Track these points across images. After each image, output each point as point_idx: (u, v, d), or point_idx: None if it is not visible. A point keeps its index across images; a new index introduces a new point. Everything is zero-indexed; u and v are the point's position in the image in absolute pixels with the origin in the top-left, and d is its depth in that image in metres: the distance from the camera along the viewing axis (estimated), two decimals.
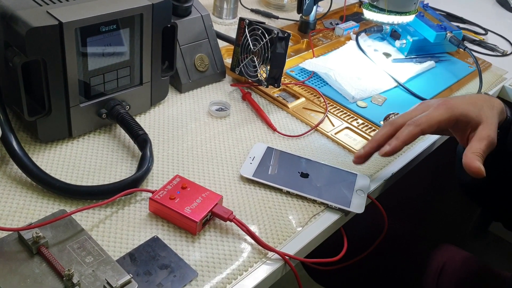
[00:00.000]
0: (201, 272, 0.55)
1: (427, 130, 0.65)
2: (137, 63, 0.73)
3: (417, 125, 0.64)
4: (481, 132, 0.65)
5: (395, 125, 0.67)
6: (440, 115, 0.64)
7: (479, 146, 0.64)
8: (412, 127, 0.65)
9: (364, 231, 0.80)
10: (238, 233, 0.61)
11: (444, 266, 0.94)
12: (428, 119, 0.64)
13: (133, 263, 0.55)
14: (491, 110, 0.66)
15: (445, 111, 0.65)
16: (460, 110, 0.65)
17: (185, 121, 0.79)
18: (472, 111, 0.65)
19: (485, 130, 0.65)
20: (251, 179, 0.68)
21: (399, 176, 0.78)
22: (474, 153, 0.63)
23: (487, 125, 0.65)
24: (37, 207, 0.60)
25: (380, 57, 1.03)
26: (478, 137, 0.65)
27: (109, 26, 0.66)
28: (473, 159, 0.62)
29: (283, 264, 0.59)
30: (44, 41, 0.61)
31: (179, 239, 0.59)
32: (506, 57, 1.16)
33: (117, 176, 0.67)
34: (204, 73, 0.87)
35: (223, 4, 1.09)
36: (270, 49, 0.81)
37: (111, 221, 0.60)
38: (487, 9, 1.44)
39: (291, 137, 0.79)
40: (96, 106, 0.71)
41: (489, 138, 0.64)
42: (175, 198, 0.61)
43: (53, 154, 0.68)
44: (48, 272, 0.52)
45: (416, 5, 0.93)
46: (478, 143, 0.64)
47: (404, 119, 0.67)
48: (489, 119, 0.65)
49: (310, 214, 0.65)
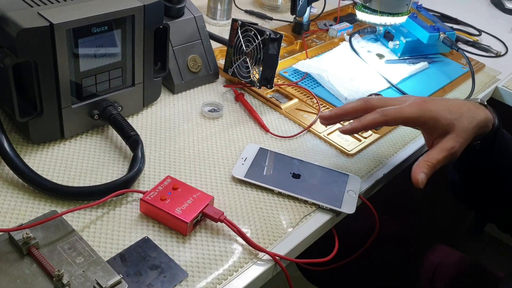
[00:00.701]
0: (192, 272, 0.56)
1: (391, 123, 0.67)
2: (129, 64, 0.73)
3: (383, 115, 0.66)
4: (446, 143, 0.65)
5: (368, 104, 0.69)
6: (410, 113, 0.65)
7: (436, 156, 0.65)
8: (378, 115, 0.66)
9: (356, 232, 0.81)
10: (229, 233, 0.61)
11: (437, 266, 0.95)
12: (397, 113, 0.65)
13: (123, 263, 0.55)
14: (469, 122, 0.66)
15: (417, 110, 0.65)
16: (432, 114, 0.65)
17: (177, 122, 0.79)
18: (445, 118, 0.65)
19: (450, 141, 0.65)
20: (243, 180, 0.68)
21: (391, 177, 0.78)
22: (427, 162, 0.64)
23: (455, 137, 0.65)
24: (28, 208, 0.60)
25: (373, 58, 1.04)
26: (440, 147, 0.65)
27: (101, 27, 0.67)
28: (420, 171, 0.63)
29: (273, 264, 0.59)
30: (35, 42, 0.61)
31: (170, 240, 0.59)
32: (500, 58, 1.17)
33: (108, 177, 0.67)
34: (197, 74, 0.87)
35: (217, 5, 1.09)
36: (262, 50, 0.81)
37: (102, 222, 0.60)
38: (481, 10, 1.44)
39: (283, 138, 0.79)
40: (88, 107, 0.71)
41: (451, 150, 0.65)
42: (166, 199, 0.61)
43: (45, 155, 0.68)
44: (38, 273, 0.52)
45: (408, 6, 0.93)
46: (437, 153, 0.65)
47: (378, 103, 0.68)
48: (461, 131, 0.65)
49: (302, 214, 0.65)
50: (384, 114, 0.66)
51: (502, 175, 0.74)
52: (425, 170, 0.64)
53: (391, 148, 0.81)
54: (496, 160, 0.72)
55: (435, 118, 0.65)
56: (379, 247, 0.86)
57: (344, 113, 0.70)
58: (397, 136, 0.84)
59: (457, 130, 0.65)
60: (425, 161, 0.65)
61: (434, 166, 0.64)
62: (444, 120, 0.65)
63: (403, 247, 0.99)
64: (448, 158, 0.65)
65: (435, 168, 0.65)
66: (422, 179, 0.63)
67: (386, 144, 0.81)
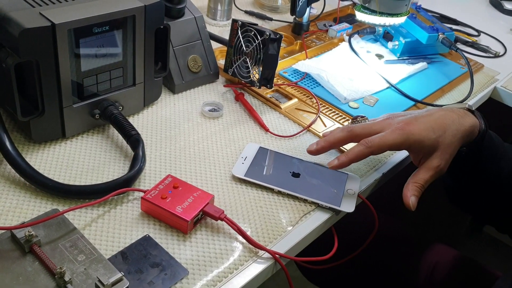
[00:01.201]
0: (192, 270, 0.56)
1: (376, 152, 0.68)
2: (130, 64, 0.74)
3: (368, 147, 0.67)
4: (431, 162, 0.67)
5: (352, 134, 0.70)
6: (393, 140, 0.66)
7: (423, 177, 0.67)
8: (363, 147, 0.67)
9: (355, 231, 0.81)
10: (229, 232, 0.61)
11: (436, 265, 0.95)
12: (380, 142, 0.67)
13: (124, 261, 0.56)
14: (453, 136, 0.67)
15: (400, 136, 0.66)
16: (416, 137, 0.66)
17: (178, 122, 0.79)
18: (428, 138, 0.66)
19: (435, 160, 0.67)
20: (243, 179, 0.69)
21: (391, 176, 0.79)
22: (415, 184, 0.67)
23: (439, 154, 0.67)
24: (30, 206, 0.61)
25: (373, 59, 1.04)
26: (427, 167, 0.68)
27: (102, 27, 0.67)
28: (410, 194, 0.66)
29: (273, 262, 0.59)
30: (37, 42, 0.61)
31: (171, 238, 0.60)
32: (499, 58, 1.17)
33: (109, 175, 0.67)
34: (197, 74, 0.87)
35: (217, 5, 1.09)
36: (262, 51, 0.82)
37: (104, 220, 0.60)
38: (480, 10, 1.45)
39: (283, 137, 0.79)
40: (89, 107, 0.71)
41: (437, 169, 0.67)
42: (167, 197, 0.61)
43: (46, 154, 0.69)
44: (40, 270, 0.52)
45: (407, 6, 0.94)
46: (424, 173, 0.67)
47: (362, 131, 0.70)
48: (446, 147, 0.67)
49: (301, 213, 0.66)
50: (368, 145, 0.67)
51: (491, 178, 0.75)
52: (415, 193, 0.66)
53: None
54: (484, 164, 0.73)
55: (419, 140, 0.66)
56: (378, 246, 0.86)
57: (329, 145, 0.72)
58: None
59: (442, 147, 0.67)
60: (413, 183, 0.67)
61: (423, 186, 0.67)
62: (428, 141, 0.66)
63: (402, 246, 1.00)
64: (435, 176, 0.67)
65: (424, 187, 0.67)
66: (413, 203, 0.66)
67: None
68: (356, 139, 0.70)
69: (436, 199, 1.32)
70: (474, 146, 0.71)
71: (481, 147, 0.71)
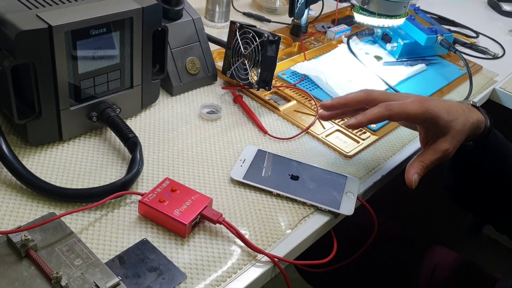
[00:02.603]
0: (190, 274, 0.56)
1: (395, 118, 0.67)
2: (128, 66, 0.73)
3: (388, 110, 0.66)
4: (441, 144, 0.66)
5: (371, 95, 0.69)
6: (413, 110, 0.65)
7: (430, 157, 0.66)
8: (383, 109, 0.66)
9: (355, 233, 0.81)
10: (227, 235, 0.61)
11: (435, 267, 0.95)
12: (400, 108, 0.66)
13: (122, 265, 0.55)
14: (463, 125, 0.67)
15: (420, 108, 0.66)
16: (433, 113, 0.66)
17: (176, 124, 0.79)
18: (443, 119, 0.66)
19: (445, 143, 0.66)
20: (241, 182, 0.68)
21: (390, 178, 0.78)
22: (421, 163, 0.66)
23: (450, 138, 0.66)
24: (26, 210, 0.60)
25: (371, 60, 1.04)
26: (435, 148, 0.67)
27: (99, 29, 0.67)
28: (414, 171, 0.65)
29: (272, 266, 0.59)
30: (34, 45, 0.61)
31: (168, 242, 0.59)
32: (497, 60, 1.17)
33: (107, 179, 0.67)
34: (196, 76, 0.87)
35: (215, 7, 1.09)
36: (260, 52, 0.81)
37: (101, 224, 0.60)
38: (478, 12, 1.45)
39: (282, 140, 0.79)
40: (86, 109, 0.71)
41: (445, 152, 0.66)
42: (165, 200, 0.61)
43: (43, 157, 0.68)
44: (36, 275, 0.52)
45: (406, 8, 0.94)
46: (431, 154, 0.66)
47: (380, 96, 0.68)
48: (456, 133, 0.66)
49: (300, 216, 0.65)
50: (388, 108, 0.65)
51: (495, 175, 0.74)
52: (418, 171, 0.65)
53: (389, 150, 0.81)
54: (489, 161, 0.73)
55: (435, 117, 0.66)
56: (378, 248, 0.86)
57: (345, 102, 0.70)
58: (395, 138, 0.84)
59: (453, 132, 0.66)
60: (419, 161, 0.66)
61: (428, 167, 0.66)
62: (442, 121, 0.66)
63: (401, 249, 0.99)
64: (441, 160, 0.66)
65: (428, 168, 0.66)
66: (415, 180, 0.65)
67: (384, 146, 0.82)
68: (373, 102, 0.68)
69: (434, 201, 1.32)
70: (480, 141, 0.70)
71: (487, 143, 0.71)
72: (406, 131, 0.85)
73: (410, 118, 0.66)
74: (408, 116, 0.66)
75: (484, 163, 0.73)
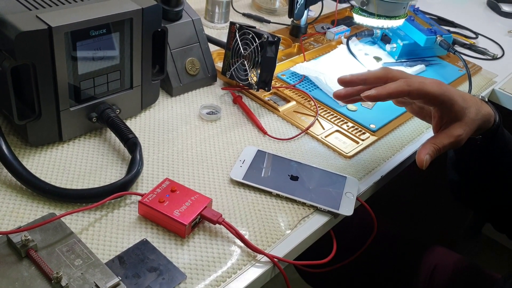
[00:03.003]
0: (190, 274, 0.56)
1: (414, 94, 0.65)
2: (128, 67, 0.73)
3: (408, 85, 0.65)
4: (455, 129, 0.66)
5: (390, 73, 0.68)
6: (432, 89, 0.65)
7: (443, 141, 0.65)
8: (403, 83, 0.65)
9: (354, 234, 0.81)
10: (227, 236, 0.61)
11: (435, 268, 0.95)
12: (420, 86, 0.65)
13: (122, 266, 0.55)
14: (476, 114, 0.67)
15: (438, 89, 0.65)
16: (450, 96, 0.65)
17: (175, 125, 0.79)
18: (459, 104, 0.66)
19: (459, 129, 0.66)
20: (241, 182, 0.69)
21: (389, 178, 0.78)
22: (433, 145, 0.65)
23: (463, 124, 0.66)
24: (26, 211, 0.60)
25: (371, 61, 1.04)
26: (449, 133, 0.66)
27: (99, 30, 0.67)
28: (426, 152, 0.64)
29: (272, 266, 0.59)
30: (34, 45, 0.61)
31: (168, 242, 0.59)
32: (497, 60, 1.17)
33: (107, 179, 0.67)
34: (195, 77, 0.87)
35: (214, 8, 1.09)
36: (260, 53, 0.82)
37: (101, 224, 0.60)
38: (478, 13, 1.45)
39: (281, 140, 0.79)
40: (86, 110, 0.71)
41: (458, 138, 0.66)
42: (164, 201, 0.61)
43: (43, 158, 0.68)
44: (36, 275, 0.52)
45: (405, 9, 0.94)
46: (444, 137, 0.66)
47: (399, 74, 0.68)
48: (470, 120, 0.66)
49: (300, 216, 0.66)
50: (408, 83, 0.65)
51: (500, 172, 0.74)
52: (430, 153, 0.64)
53: (388, 151, 0.81)
54: (496, 156, 0.73)
55: (452, 100, 0.65)
56: (377, 249, 0.86)
57: (364, 77, 0.69)
58: (394, 138, 0.84)
59: (466, 119, 0.66)
60: (432, 144, 0.65)
61: (440, 150, 0.65)
62: (458, 106, 0.66)
63: (401, 249, 0.99)
64: (453, 145, 0.66)
65: (440, 152, 0.65)
66: (427, 161, 0.64)
67: (384, 146, 0.82)
68: (392, 80, 0.67)
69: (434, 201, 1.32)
70: (489, 135, 0.70)
71: (496, 137, 0.71)
72: (406, 132, 0.85)
73: (428, 97, 0.65)
74: (427, 94, 0.65)
75: (491, 158, 0.73)
